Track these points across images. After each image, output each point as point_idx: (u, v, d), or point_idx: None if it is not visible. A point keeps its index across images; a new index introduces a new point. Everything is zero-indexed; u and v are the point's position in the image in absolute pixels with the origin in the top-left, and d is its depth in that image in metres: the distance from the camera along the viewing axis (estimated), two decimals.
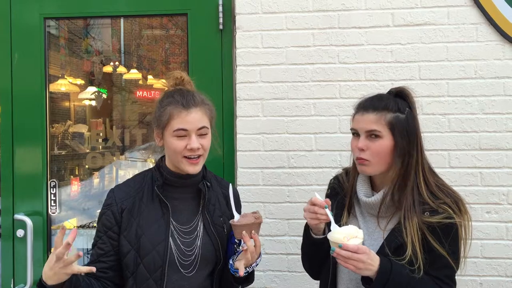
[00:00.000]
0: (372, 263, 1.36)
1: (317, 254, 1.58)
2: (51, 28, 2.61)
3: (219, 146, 1.67)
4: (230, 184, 1.63)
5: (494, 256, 2.20)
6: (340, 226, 1.43)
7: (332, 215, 1.45)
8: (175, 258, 1.50)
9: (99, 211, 1.61)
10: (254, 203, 2.29)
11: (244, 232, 1.44)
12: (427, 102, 2.23)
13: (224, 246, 1.59)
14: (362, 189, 1.54)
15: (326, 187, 1.74)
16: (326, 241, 1.44)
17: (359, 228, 1.47)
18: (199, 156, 1.50)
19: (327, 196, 1.69)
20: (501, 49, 2.20)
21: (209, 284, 1.57)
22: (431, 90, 2.23)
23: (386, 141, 1.45)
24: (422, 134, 1.53)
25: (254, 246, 1.46)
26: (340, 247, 1.34)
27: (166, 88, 1.60)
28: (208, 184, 1.59)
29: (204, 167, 1.60)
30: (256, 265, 1.53)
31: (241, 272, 1.45)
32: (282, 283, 2.29)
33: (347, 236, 1.35)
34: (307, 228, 1.58)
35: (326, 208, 1.44)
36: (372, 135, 1.46)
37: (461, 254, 1.48)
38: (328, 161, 2.26)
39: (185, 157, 1.48)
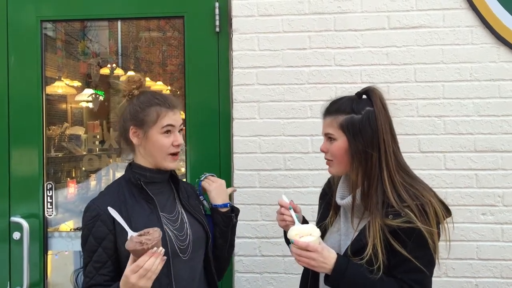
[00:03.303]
0: (325, 261, 1.38)
1: None
2: (48, 30, 2.61)
3: None
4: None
5: (490, 257, 2.20)
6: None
7: (297, 216, 1.52)
8: (174, 244, 1.54)
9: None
10: (251, 205, 2.30)
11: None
12: (423, 104, 2.24)
13: (206, 221, 1.69)
14: (339, 191, 1.56)
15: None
16: None
17: (340, 228, 1.52)
18: (178, 152, 1.61)
19: (319, 197, 1.73)
20: (496, 52, 2.21)
21: (204, 267, 1.66)
22: (427, 92, 2.24)
23: (340, 143, 1.48)
24: (396, 133, 1.50)
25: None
26: (292, 243, 1.39)
27: (126, 90, 1.63)
28: (175, 173, 1.69)
29: None
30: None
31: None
32: (279, 285, 2.29)
33: (300, 234, 1.40)
34: (285, 232, 1.64)
35: (290, 209, 1.53)
36: (329, 138, 1.51)
37: (434, 258, 1.42)
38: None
39: (170, 154, 1.57)
